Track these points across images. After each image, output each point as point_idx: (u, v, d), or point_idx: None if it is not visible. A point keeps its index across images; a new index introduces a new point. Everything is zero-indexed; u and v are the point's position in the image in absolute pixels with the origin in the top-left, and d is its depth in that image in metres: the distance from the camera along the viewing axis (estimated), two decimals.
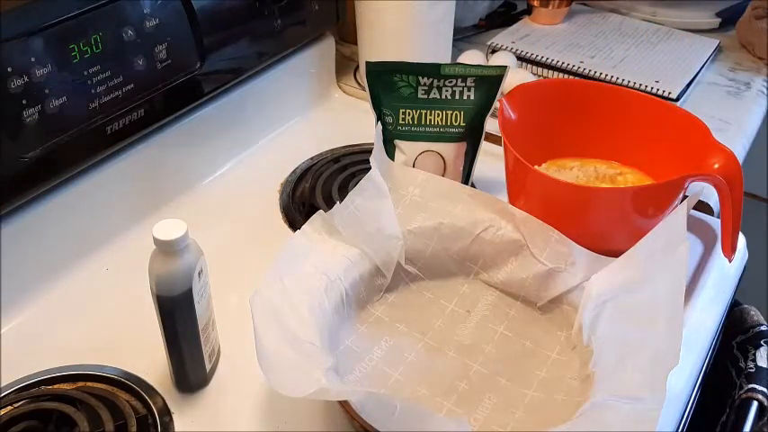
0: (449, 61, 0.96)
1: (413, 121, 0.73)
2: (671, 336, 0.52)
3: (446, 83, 0.72)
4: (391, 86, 0.72)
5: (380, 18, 0.89)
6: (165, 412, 0.57)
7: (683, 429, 0.60)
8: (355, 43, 0.97)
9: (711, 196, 0.76)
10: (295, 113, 0.94)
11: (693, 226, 0.74)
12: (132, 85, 0.68)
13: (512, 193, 0.71)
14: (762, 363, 0.74)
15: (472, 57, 0.96)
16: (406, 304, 0.66)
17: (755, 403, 0.71)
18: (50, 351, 0.62)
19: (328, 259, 0.62)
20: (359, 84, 1.01)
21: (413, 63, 0.71)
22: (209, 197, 0.80)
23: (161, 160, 0.76)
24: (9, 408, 0.56)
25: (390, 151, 0.74)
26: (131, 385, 0.59)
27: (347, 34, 1.04)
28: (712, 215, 0.78)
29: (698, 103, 0.95)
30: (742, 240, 0.72)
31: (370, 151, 0.69)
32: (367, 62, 0.72)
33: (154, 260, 0.53)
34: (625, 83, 0.94)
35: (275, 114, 0.91)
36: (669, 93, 0.92)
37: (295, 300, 0.57)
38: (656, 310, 0.55)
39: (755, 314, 0.81)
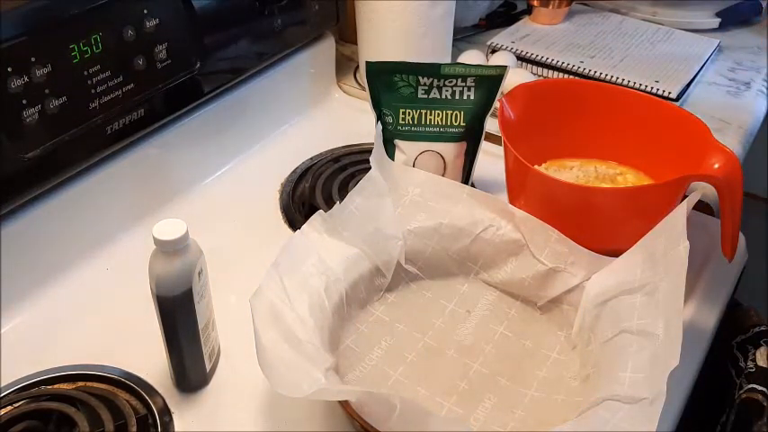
0: (449, 61, 0.96)
1: (413, 121, 0.73)
2: (671, 336, 0.52)
3: (446, 83, 0.71)
4: (391, 86, 0.72)
5: (380, 18, 0.89)
6: (165, 412, 0.57)
7: (683, 429, 0.60)
8: (355, 43, 0.97)
9: (711, 196, 0.76)
10: (295, 113, 0.94)
11: (693, 226, 0.74)
12: (132, 85, 0.68)
13: (512, 193, 0.71)
14: (762, 363, 0.74)
15: (472, 57, 0.96)
16: (406, 304, 0.66)
17: (756, 403, 0.71)
18: (50, 351, 0.62)
19: (328, 259, 0.62)
20: (359, 84, 1.01)
21: (413, 63, 0.71)
22: (209, 197, 0.80)
23: (161, 160, 0.76)
24: (9, 408, 0.56)
25: (390, 151, 0.74)
26: (131, 385, 0.59)
27: (347, 34, 1.04)
28: (712, 215, 0.78)
29: (698, 103, 0.94)
30: (742, 240, 0.72)
31: (370, 151, 0.69)
32: (367, 62, 0.72)
33: (154, 260, 0.53)
34: (625, 83, 0.94)
35: (275, 114, 0.91)
36: (669, 93, 0.92)
37: (295, 300, 0.57)
38: (656, 310, 0.55)
39: (755, 314, 0.81)
